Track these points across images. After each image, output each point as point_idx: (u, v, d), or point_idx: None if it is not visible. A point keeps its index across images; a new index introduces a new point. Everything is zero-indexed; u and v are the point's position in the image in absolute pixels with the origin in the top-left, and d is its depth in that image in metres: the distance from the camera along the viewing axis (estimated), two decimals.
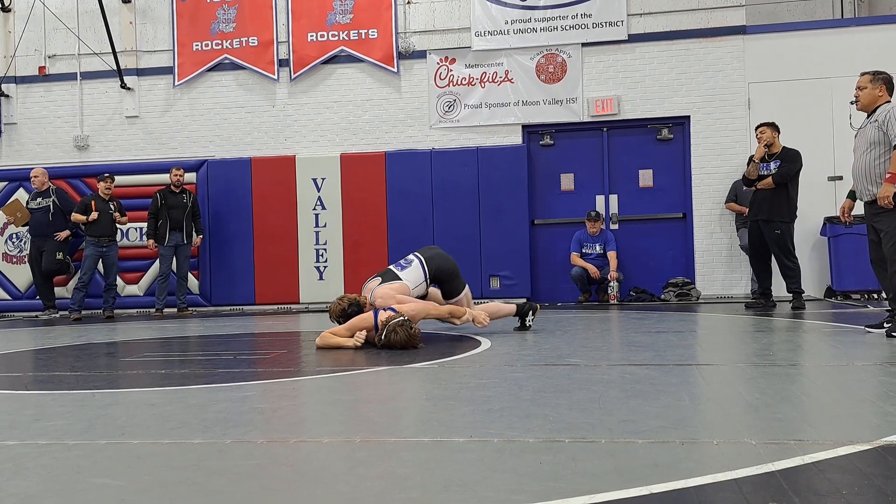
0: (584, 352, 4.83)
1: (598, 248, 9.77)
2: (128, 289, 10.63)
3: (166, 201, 9.84)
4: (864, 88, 5.38)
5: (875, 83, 5.35)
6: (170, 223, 9.79)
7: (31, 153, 11.25)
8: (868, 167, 5.26)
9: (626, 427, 2.72)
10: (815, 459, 2.22)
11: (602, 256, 9.73)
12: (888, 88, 5.36)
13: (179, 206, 9.87)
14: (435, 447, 2.54)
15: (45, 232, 9.94)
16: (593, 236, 9.78)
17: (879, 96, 5.33)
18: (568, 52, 10.23)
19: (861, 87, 5.42)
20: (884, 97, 5.33)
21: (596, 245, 9.78)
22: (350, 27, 10.66)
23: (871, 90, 5.36)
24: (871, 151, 5.25)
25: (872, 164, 5.23)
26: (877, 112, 5.30)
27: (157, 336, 7.09)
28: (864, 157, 5.31)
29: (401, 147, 10.48)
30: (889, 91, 5.37)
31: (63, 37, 11.22)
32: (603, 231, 9.90)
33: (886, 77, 5.39)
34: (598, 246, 9.77)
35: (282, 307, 10.44)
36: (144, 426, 3.09)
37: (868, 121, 5.38)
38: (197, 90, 10.99)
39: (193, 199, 10.10)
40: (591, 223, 9.75)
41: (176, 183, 9.90)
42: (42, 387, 4.25)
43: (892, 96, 5.38)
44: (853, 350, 4.73)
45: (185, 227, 9.89)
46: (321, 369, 4.57)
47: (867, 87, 5.37)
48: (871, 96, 5.36)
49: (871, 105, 5.36)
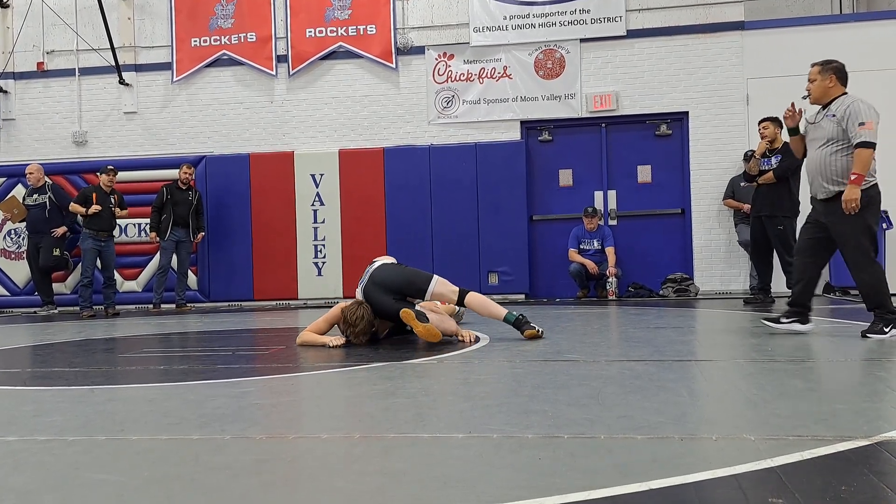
0: (582, 348, 4.83)
1: (595, 244, 9.76)
2: (126, 284, 10.62)
3: (172, 196, 9.82)
4: (814, 80, 5.09)
5: (824, 74, 5.05)
6: (174, 219, 9.77)
7: (29, 149, 11.23)
8: (824, 163, 5.01)
9: (625, 423, 2.72)
10: (813, 455, 2.22)
11: (600, 252, 9.73)
12: (839, 78, 5.06)
13: (184, 203, 9.86)
14: (433, 443, 2.54)
15: (42, 228, 9.91)
16: (591, 232, 9.78)
17: (830, 87, 5.04)
18: (566, 48, 10.22)
19: (811, 79, 5.12)
20: (836, 88, 5.05)
21: (594, 241, 9.77)
22: (348, 23, 10.64)
23: (820, 82, 5.06)
24: (827, 147, 5.00)
25: (828, 161, 4.99)
26: (833, 105, 5.02)
27: (156, 332, 7.09)
28: (819, 152, 5.05)
29: (399, 143, 10.47)
30: (841, 81, 5.07)
31: (61, 33, 11.19)
32: (600, 227, 9.89)
33: (837, 66, 5.09)
34: (596, 242, 9.76)
35: (280, 303, 10.44)
36: (143, 422, 3.09)
37: (824, 113, 5.09)
38: (195, 86, 10.97)
39: (198, 196, 10.09)
40: (588, 219, 9.75)
41: (185, 180, 9.88)
42: (40, 383, 4.25)
43: (845, 86, 5.09)
44: (851, 346, 4.73)
45: (188, 224, 9.88)
46: (320, 365, 4.57)
47: (816, 78, 5.08)
48: (822, 88, 5.06)
49: (823, 97, 5.07)
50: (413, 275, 5.47)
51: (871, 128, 4.87)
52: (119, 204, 9.68)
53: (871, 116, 4.91)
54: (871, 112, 4.93)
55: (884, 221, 9.12)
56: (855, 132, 4.89)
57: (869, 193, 4.94)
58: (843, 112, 4.96)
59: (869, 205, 4.92)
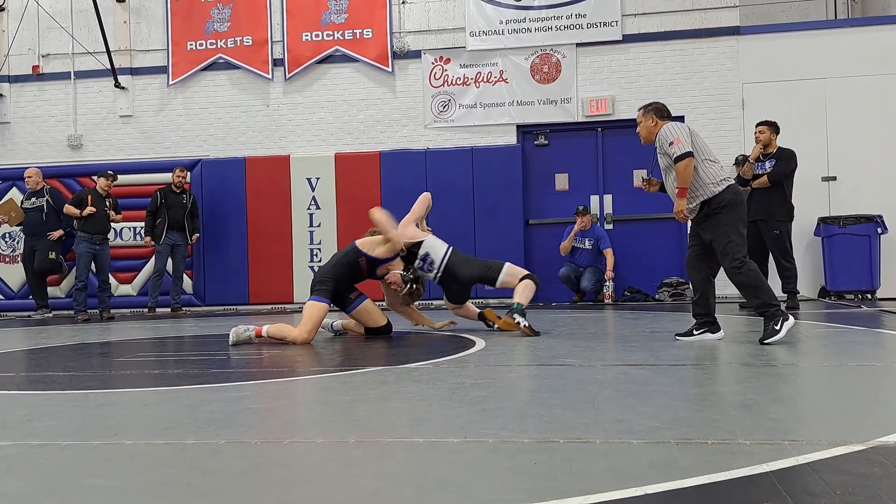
0: (578, 352, 4.83)
1: (587, 244, 9.73)
2: (121, 288, 10.60)
3: (166, 200, 9.81)
4: (640, 123, 5.32)
5: (647, 115, 5.27)
6: (168, 222, 9.75)
7: (24, 152, 11.21)
8: (671, 189, 5.23)
9: (621, 427, 2.72)
10: (808, 460, 2.23)
11: (591, 252, 9.69)
12: (658, 116, 5.26)
13: (179, 206, 9.84)
14: (429, 447, 2.54)
15: (39, 231, 9.90)
16: (582, 231, 9.76)
17: (652, 126, 5.25)
18: (562, 53, 10.24)
19: (637, 122, 5.37)
20: (657, 126, 5.23)
21: (585, 240, 9.74)
22: (345, 27, 10.65)
23: (644, 123, 5.29)
24: (669, 175, 5.20)
25: (672, 186, 5.20)
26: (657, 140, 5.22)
27: (151, 336, 7.07)
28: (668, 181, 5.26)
29: (395, 147, 10.47)
30: (660, 117, 5.25)
31: (57, 36, 11.18)
32: (594, 227, 9.87)
33: (655, 106, 5.30)
34: (588, 241, 9.73)
35: (276, 307, 10.42)
36: (138, 426, 3.08)
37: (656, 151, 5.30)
38: (191, 89, 10.97)
39: (193, 199, 10.08)
40: (579, 218, 9.73)
41: (178, 183, 9.87)
42: (35, 387, 4.23)
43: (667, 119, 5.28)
44: (847, 350, 4.74)
45: (183, 227, 9.87)
46: (315, 369, 4.56)
47: (641, 121, 5.31)
48: (646, 129, 5.28)
49: (650, 137, 5.28)
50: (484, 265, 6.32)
51: (679, 142, 5.02)
52: (114, 208, 9.66)
53: (676, 133, 5.06)
54: (674, 130, 5.09)
55: (879, 226, 9.15)
56: (669, 152, 5.07)
57: (723, 197, 5.02)
58: (659, 142, 5.19)
59: (727, 206, 5.00)
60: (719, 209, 5.01)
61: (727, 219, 5.00)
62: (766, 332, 4.89)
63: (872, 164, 9.61)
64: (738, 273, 4.96)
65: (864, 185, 9.59)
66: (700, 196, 5.08)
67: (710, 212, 5.05)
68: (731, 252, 4.96)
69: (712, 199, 5.02)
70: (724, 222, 5.00)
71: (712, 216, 5.03)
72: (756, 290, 4.93)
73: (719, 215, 5.00)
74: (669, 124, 5.18)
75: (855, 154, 9.67)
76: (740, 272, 4.95)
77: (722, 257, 5.04)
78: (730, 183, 5.09)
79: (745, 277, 4.95)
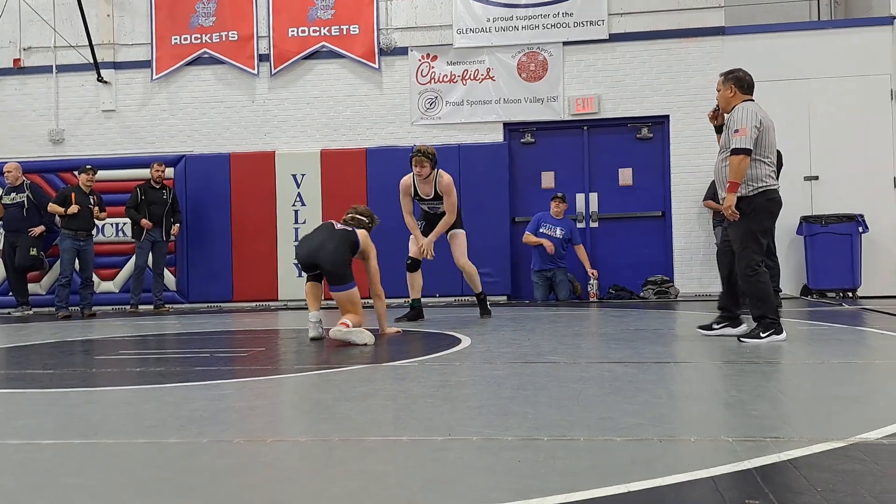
0: (563, 349, 4.84)
1: (557, 233, 9.57)
2: (103, 285, 10.50)
3: (146, 196, 9.72)
4: (719, 91, 5.20)
5: (726, 84, 5.13)
6: (149, 218, 9.66)
7: (5, 147, 11.07)
8: (718, 169, 5.14)
9: (605, 424, 2.72)
10: (790, 457, 2.24)
11: (559, 241, 9.51)
12: (738, 87, 5.10)
13: (159, 202, 9.76)
14: (414, 445, 2.53)
15: (20, 227, 9.77)
16: (555, 218, 9.66)
17: (731, 97, 5.11)
18: (549, 51, 10.25)
19: (717, 89, 5.24)
20: (735, 97, 5.10)
21: (556, 229, 9.58)
22: (331, 23, 10.60)
23: (723, 92, 5.15)
24: (721, 154, 5.11)
25: (720, 167, 5.11)
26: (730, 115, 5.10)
27: (133, 333, 7.02)
28: (717, 159, 5.17)
29: (382, 144, 10.44)
30: (740, 89, 5.10)
31: (38, 29, 11.05)
32: (567, 219, 9.81)
33: (737, 75, 5.14)
34: (559, 230, 9.58)
35: (260, 304, 10.37)
36: (119, 425, 3.06)
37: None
38: (175, 84, 10.88)
39: (173, 194, 10.00)
40: (555, 203, 9.60)
41: (157, 178, 9.78)
42: (14, 385, 4.19)
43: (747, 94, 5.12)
44: (828, 348, 4.78)
45: (163, 224, 9.78)
46: (299, 367, 4.55)
47: (720, 89, 5.18)
48: (724, 98, 5.15)
49: (727, 107, 5.13)
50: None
51: (744, 134, 4.87)
52: (98, 205, 9.57)
53: (745, 123, 4.90)
54: (745, 118, 4.92)
55: (860, 225, 9.23)
56: (731, 138, 4.94)
57: (756, 201, 4.93)
58: (728, 120, 5.06)
59: (755, 212, 4.94)
60: (748, 211, 4.92)
61: (751, 224, 4.93)
62: (751, 333, 4.93)
63: (854, 164, 9.69)
64: (748, 279, 4.94)
65: (846, 185, 9.66)
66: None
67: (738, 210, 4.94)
68: (746, 258, 4.93)
69: (744, 198, 4.93)
70: (748, 226, 4.93)
71: (740, 216, 4.93)
72: (760, 301, 4.91)
73: (745, 218, 4.92)
74: (746, 107, 4.97)
75: (837, 154, 9.74)
76: (750, 279, 4.92)
77: (738, 259, 5.01)
78: (768, 188, 4.95)
79: (753, 286, 4.93)
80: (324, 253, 5.53)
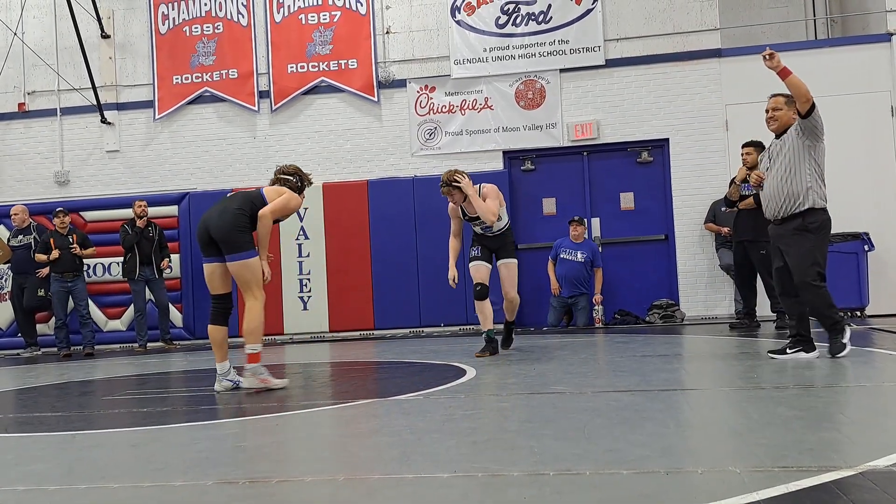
0: (569, 378, 4.82)
1: (579, 256, 9.62)
2: (110, 324, 10.52)
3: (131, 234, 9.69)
4: (780, 109, 5.36)
5: (790, 106, 5.32)
6: (137, 256, 9.64)
7: (11, 190, 11.17)
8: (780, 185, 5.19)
9: (611, 457, 2.71)
10: (799, 487, 2.22)
11: (581, 265, 9.59)
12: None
13: (146, 240, 9.74)
14: (418, 483, 2.52)
15: (27, 269, 9.84)
16: (575, 243, 9.70)
17: (792, 119, 5.30)
18: (546, 79, 10.33)
19: (776, 107, 5.38)
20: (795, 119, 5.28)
21: (577, 253, 9.63)
22: (330, 58, 10.72)
23: (786, 111, 5.33)
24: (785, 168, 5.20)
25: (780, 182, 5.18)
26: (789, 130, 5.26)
27: (139, 372, 7.02)
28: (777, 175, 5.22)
29: (383, 175, 10.50)
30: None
31: (42, 73, 11.20)
32: (588, 241, 9.83)
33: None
34: (580, 254, 9.62)
35: (266, 338, 10.34)
36: (126, 468, 3.05)
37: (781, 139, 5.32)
38: (177, 123, 10.98)
39: (160, 231, 9.99)
40: (573, 226, 9.65)
41: (141, 215, 9.74)
42: (22, 429, 4.19)
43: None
44: (837, 370, 4.75)
45: (153, 261, 9.75)
46: (305, 403, 4.53)
47: (781, 107, 5.35)
48: (787, 118, 5.32)
49: (783, 127, 5.33)
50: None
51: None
52: (80, 243, 9.58)
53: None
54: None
55: (865, 243, 9.20)
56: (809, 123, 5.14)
57: (824, 217, 5.14)
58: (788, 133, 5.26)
59: (822, 227, 5.12)
60: (816, 225, 5.08)
61: (819, 238, 5.10)
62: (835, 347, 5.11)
63: (858, 182, 9.68)
64: (819, 290, 5.07)
65: (850, 203, 9.63)
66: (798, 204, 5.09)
67: (801, 226, 5.08)
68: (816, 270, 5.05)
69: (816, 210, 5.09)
70: (816, 240, 5.09)
71: (801, 232, 5.07)
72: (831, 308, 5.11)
73: (811, 233, 5.07)
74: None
75: (840, 172, 9.68)
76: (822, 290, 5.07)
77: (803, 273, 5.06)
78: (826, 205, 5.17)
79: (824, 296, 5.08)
80: (212, 220, 4.92)
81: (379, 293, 10.21)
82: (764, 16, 10.93)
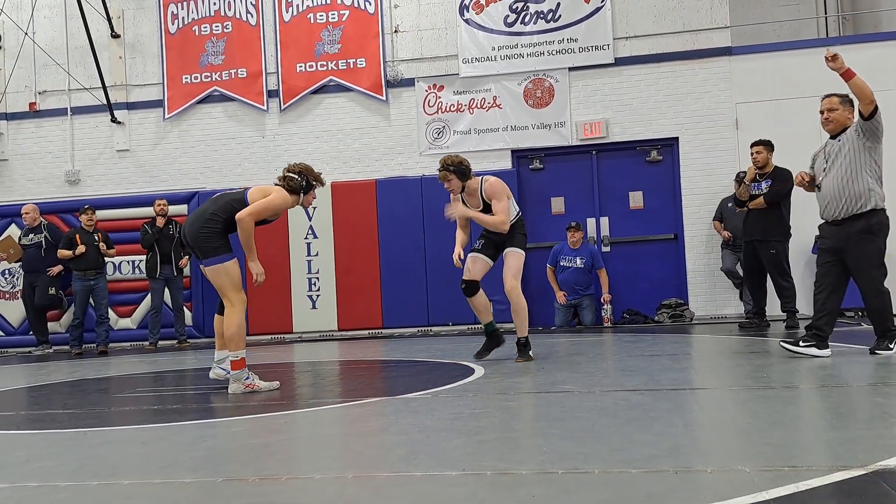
0: (577, 378, 4.81)
1: (577, 262, 9.60)
2: (121, 322, 10.58)
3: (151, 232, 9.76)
4: (836, 110, 5.35)
5: (845, 105, 5.34)
6: (158, 255, 9.73)
7: (22, 189, 11.24)
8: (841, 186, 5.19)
9: (620, 456, 2.70)
10: (809, 486, 2.21)
11: (580, 271, 9.61)
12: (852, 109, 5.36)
13: (167, 239, 9.82)
14: (427, 481, 2.53)
15: (38, 267, 9.91)
16: (573, 249, 9.69)
17: (848, 119, 5.33)
18: (555, 77, 10.31)
19: (832, 108, 5.37)
20: (851, 119, 5.33)
21: (576, 259, 9.62)
22: (338, 57, 10.73)
23: (842, 112, 5.33)
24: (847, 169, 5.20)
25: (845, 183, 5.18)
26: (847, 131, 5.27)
27: (150, 370, 7.05)
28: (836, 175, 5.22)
29: (391, 174, 10.51)
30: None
31: (53, 73, 11.26)
32: (586, 245, 9.81)
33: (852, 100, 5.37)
34: (579, 259, 9.61)
35: (275, 337, 10.40)
36: (135, 465, 3.07)
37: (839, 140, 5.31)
38: (187, 122, 11.03)
39: (180, 229, 10.04)
40: (570, 232, 9.64)
41: (161, 213, 9.84)
42: (34, 426, 4.22)
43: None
44: (846, 370, 4.73)
45: (173, 259, 9.84)
46: (314, 401, 4.55)
47: (837, 108, 5.34)
48: (843, 118, 5.34)
49: (839, 127, 5.33)
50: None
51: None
52: (105, 242, 9.65)
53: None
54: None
55: None
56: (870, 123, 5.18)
57: (880, 218, 5.16)
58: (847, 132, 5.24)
59: (882, 230, 5.16)
60: (877, 228, 5.11)
61: (880, 242, 5.13)
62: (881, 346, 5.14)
63: None
64: (883, 296, 5.11)
65: None
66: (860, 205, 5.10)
67: (865, 228, 5.10)
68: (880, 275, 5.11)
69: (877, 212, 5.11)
70: (879, 245, 5.12)
71: (867, 235, 5.09)
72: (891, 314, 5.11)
73: (874, 235, 5.10)
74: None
75: None
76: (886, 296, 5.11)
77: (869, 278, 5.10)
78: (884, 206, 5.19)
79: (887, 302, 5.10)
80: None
81: (387, 292, 10.22)
82: (775, 13, 10.86)
